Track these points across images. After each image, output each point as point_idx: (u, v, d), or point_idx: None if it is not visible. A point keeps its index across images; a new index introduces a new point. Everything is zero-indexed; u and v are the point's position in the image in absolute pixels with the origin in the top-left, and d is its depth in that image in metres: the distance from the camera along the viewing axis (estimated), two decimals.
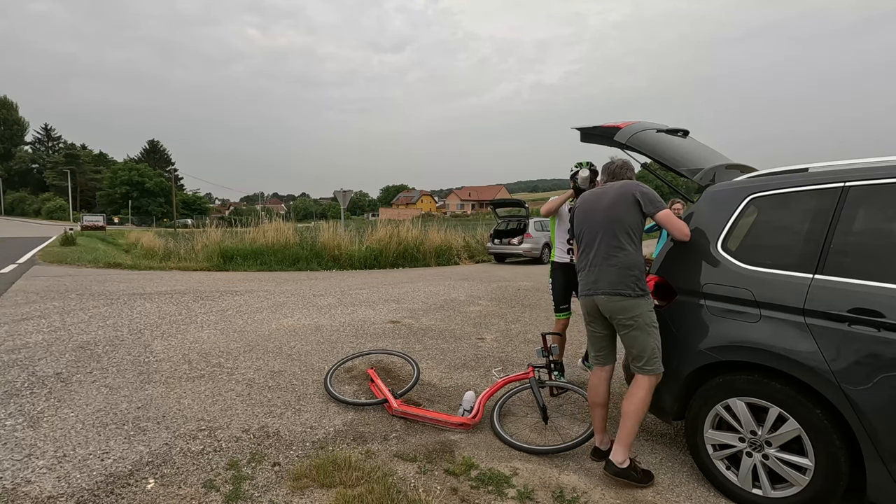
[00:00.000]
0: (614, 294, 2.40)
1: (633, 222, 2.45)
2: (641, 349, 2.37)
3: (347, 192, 15.57)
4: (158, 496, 2.15)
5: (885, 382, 1.79)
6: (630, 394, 2.40)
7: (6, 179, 69.68)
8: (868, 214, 2.02)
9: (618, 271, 2.40)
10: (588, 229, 2.59)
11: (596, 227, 2.53)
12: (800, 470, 2.03)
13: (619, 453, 2.36)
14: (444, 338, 5.14)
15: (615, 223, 2.46)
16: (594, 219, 2.55)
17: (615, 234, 2.45)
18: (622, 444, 2.36)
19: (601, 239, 2.49)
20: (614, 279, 2.40)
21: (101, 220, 38.33)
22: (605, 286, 2.43)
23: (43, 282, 8.10)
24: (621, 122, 3.16)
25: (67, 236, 16.88)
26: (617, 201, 2.48)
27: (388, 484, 2.28)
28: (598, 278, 2.47)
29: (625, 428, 2.36)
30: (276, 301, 6.95)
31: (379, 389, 3.34)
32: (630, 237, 2.44)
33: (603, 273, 2.45)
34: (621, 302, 2.38)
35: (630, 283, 2.38)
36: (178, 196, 60.53)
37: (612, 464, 2.35)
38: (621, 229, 2.45)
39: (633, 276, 2.39)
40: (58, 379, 3.49)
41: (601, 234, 2.49)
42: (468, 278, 10.19)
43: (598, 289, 2.46)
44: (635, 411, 2.35)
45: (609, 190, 2.56)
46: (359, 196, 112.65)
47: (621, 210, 2.46)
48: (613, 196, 2.51)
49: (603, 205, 2.53)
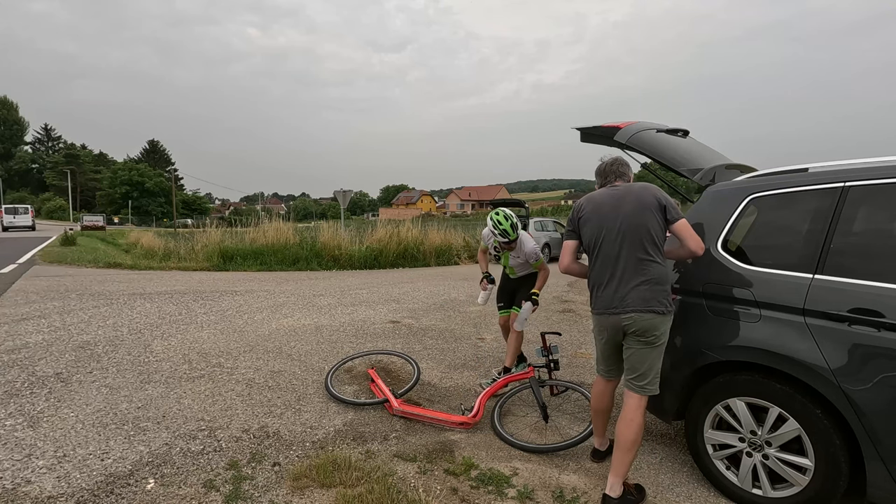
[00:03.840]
0: (647, 311, 2.15)
1: (661, 230, 2.21)
2: (649, 367, 2.19)
3: (347, 192, 15.57)
4: (158, 496, 2.15)
5: (885, 382, 1.79)
6: (628, 419, 2.18)
7: (6, 179, 69.61)
8: (868, 214, 2.02)
9: (650, 287, 2.17)
10: (609, 239, 2.27)
11: (619, 237, 2.23)
12: (800, 470, 2.03)
13: (615, 486, 2.16)
14: (444, 338, 5.14)
15: (641, 231, 2.19)
16: (617, 228, 2.24)
17: (642, 243, 2.19)
18: (618, 476, 2.17)
19: (628, 251, 2.21)
20: (647, 296, 2.16)
21: (101, 220, 38.25)
22: (638, 303, 2.17)
23: (43, 282, 8.10)
24: (621, 122, 3.16)
25: (67, 236, 16.87)
26: (640, 207, 2.21)
27: (388, 484, 2.27)
28: (626, 295, 2.19)
29: (623, 462, 2.16)
30: (276, 301, 6.95)
31: (379, 389, 3.34)
32: (657, 247, 2.21)
33: (634, 289, 2.18)
34: (653, 319, 2.16)
35: (662, 300, 2.17)
36: (178, 196, 60.54)
37: (610, 498, 2.16)
38: (649, 238, 2.19)
39: (665, 290, 2.19)
40: (58, 379, 3.49)
41: (627, 245, 2.21)
42: (468, 278, 10.19)
43: (628, 306, 2.18)
44: (635, 441, 2.15)
45: (628, 193, 2.27)
46: (359, 196, 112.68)
47: (647, 217, 2.19)
48: (635, 201, 2.23)
49: (625, 211, 2.23)
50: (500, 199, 15.74)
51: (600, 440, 2.63)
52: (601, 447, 2.63)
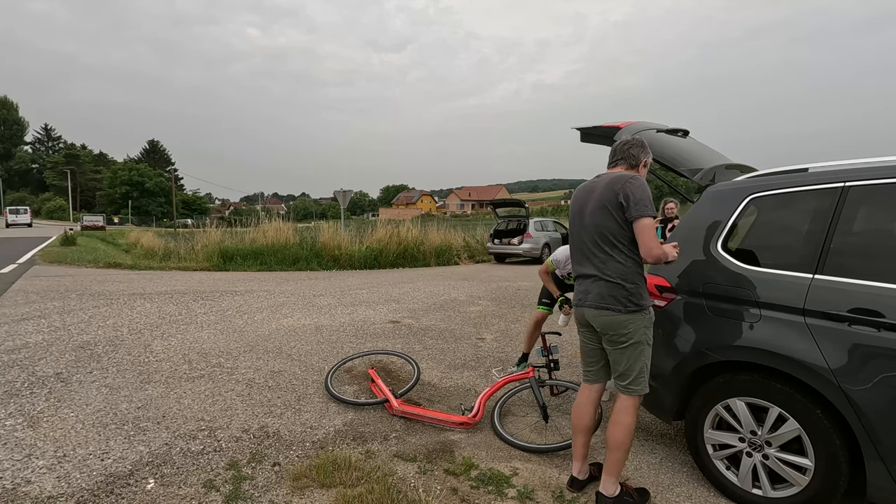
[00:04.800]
0: (604, 308, 2.11)
1: (617, 228, 2.10)
2: (628, 367, 2.12)
3: (347, 192, 15.58)
4: (158, 496, 2.15)
5: (885, 382, 1.79)
6: (616, 420, 2.15)
7: (6, 179, 69.65)
8: (868, 214, 2.02)
9: (606, 284, 2.11)
10: (575, 234, 2.28)
11: (584, 232, 2.22)
12: (800, 470, 2.03)
13: (608, 485, 2.13)
14: (444, 338, 5.14)
15: (600, 230, 2.14)
16: (582, 223, 2.23)
17: (600, 242, 2.14)
18: (611, 475, 2.13)
19: (590, 245, 2.19)
20: (604, 292, 2.12)
21: (101, 220, 38.37)
22: (595, 300, 2.15)
23: (43, 282, 8.10)
24: (621, 122, 3.16)
25: (67, 236, 16.87)
26: (600, 204, 2.13)
27: (388, 484, 2.27)
28: (587, 289, 2.20)
29: (613, 460, 2.12)
30: (276, 301, 6.95)
31: (379, 389, 3.34)
32: (616, 246, 2.11)
33: (593, 284, 2.17)
34: (612, 317, 2.10)
35: (621, 298, 2.08)
36: (178, 196, 60.55)
37: (603, 496, 2.12)
38: (604, 238, 2.13)
39: (623, 289, 2.08)
40: (58, 379, 3.49)
41: (589, 240, 2.19)
42: (468, 278, 10.19)
43: (588, 301, 2.19)
44: (624, 442, 2.10)
45: (595, 189, 2.20)
46: (359, 196, 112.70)
47: (604, 215, 2.12)
48: (598, 196, 2.15)
49: (590, 207, 2.19)
50: (499, 199, 15.76)
51: (579, 466, 2.33)
52: (580, 475, 2.32)
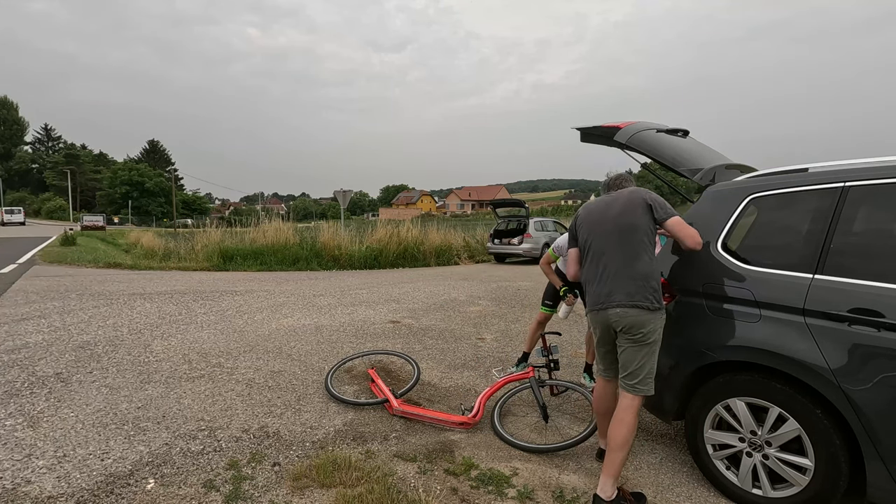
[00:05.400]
0: (632, 306, 2.19)
1: (647, 228, 2.28)
2: (640, 367, 2.20)
3: (347, 192, 15.58)
4: (158, 496, 2.15)
5: (885, 382, 1.79)
6: (618, 418, 2.20)
7: (6, 179, 69.61)
8: (868, 214, 2.02)
9: (636, 282, 2.21)
10: (597, 239, 2.39)
11: (607, 236, 2.34)
12: (800, 470, 2.03)
13: (606, 486, 2.14)
14: (444, 338, 5.14)
15: (629, 230, 2.28)
16: (605, 228, 2.37)
17: (629, 241, 2.27)
18: (610, 476, 2.15)
19: (615, 248, 2.30)
20: (632, 290, 2.21)
21: (100, 220, 38.39)
22: (622, 297, 2.22)
23: (43, 282, 8.09)
24: (621, 122, 3.16)
25: (67, 236, 16.87)
26: (628, 208, 2.32)
27: (388, 484, 2.28)
28: (612, 289, 2.26)
29: (614, 461, 2.15)
30: (276, 301, 6.95)
31: (379, 389, 3.34)
32: (644, 245, 2.26)
33: (619, 284, 2.24)
34: (638, 316, 2.18)
35: (648, 295, 2.19)
36: (178, 196, 60.53)
37: (600, 499, 2.13)
38: (636, 237, 2.27)
39: (651, 287, 2.21)
40: (58, 379, 3.49)
41: (614, 242, 2.31)
42: (468, 278, 10.19)
43: (613, 301, 2.24)
44: (625, 441, 2.15)
45: (618, 197, 2.40)
46: (359, 196, 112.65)
47: (634, 216, 2.29)
48: (624, 203, 2.35)
49: (613, 213, 2.36)
50: (499, 200, 15.75)
51: (605, 441, 2.56)
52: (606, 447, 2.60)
